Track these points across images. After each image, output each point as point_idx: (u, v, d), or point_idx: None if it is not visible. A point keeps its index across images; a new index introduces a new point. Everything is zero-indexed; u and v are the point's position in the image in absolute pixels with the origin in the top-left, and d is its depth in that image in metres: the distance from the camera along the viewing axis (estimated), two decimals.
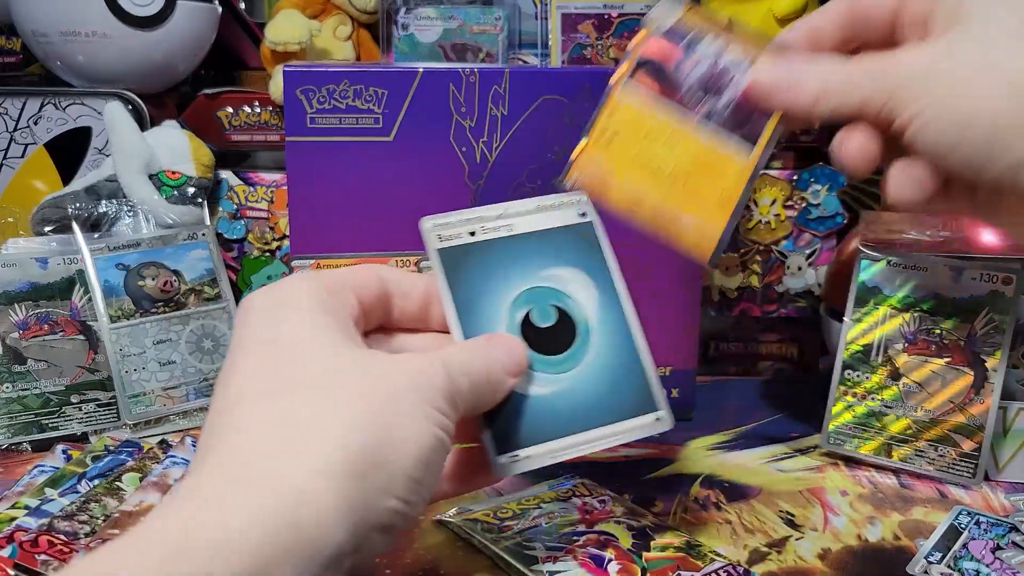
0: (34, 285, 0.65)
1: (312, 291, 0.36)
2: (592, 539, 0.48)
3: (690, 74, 0.49)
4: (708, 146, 0.48)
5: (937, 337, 0.57)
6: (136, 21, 0.75)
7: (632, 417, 0.43)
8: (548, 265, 0.44)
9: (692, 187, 0.48)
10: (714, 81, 0.48)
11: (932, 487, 0.57)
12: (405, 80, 0.60)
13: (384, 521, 0.32)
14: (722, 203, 0.48)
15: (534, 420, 0.41)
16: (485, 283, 0.42)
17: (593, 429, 0.42)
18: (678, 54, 0.49)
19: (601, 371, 0.43)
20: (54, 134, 0.80)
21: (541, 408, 0.41)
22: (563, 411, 0.42)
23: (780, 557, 0.49)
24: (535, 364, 0.42)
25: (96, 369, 0.65)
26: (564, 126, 0.62)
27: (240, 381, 0.33)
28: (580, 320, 0.43)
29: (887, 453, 0.57)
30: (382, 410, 0.32)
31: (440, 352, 0.37)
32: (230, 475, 0.30)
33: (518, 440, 0.40)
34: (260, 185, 0.79)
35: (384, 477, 0.31)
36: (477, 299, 0.42)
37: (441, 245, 0.42)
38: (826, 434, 0.59)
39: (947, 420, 0.56)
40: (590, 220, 0.45)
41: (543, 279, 0.43)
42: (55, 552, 0.46)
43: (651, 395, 0.43)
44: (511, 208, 0.44)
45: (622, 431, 0.43)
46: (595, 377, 0.43)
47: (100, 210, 0.70)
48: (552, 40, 0.82)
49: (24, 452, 0.62)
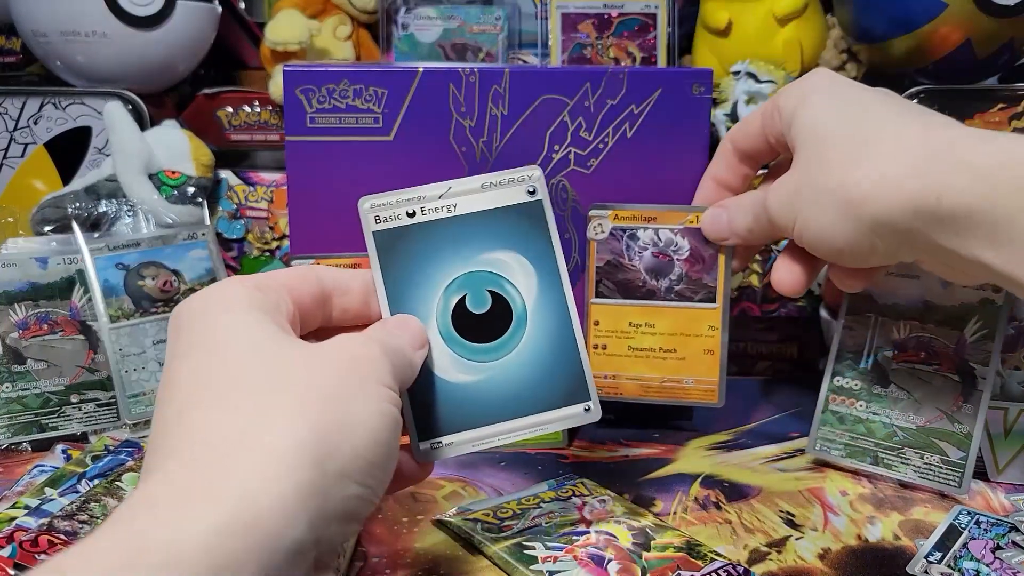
0: (34, 285, 0.65)
1: (243, 292, 0.35)
2: (592, 539, 0.48)
3: (641, 263, 0.59)
4: (678, 311, 0.59)
5: (927, 344, 0.57)
6: (136, 21, 0.75)
7: (561, 407, 0.43)
8: (489, 248, 0.43)
9: (681, 353, 0.59)
10: (661, 264, 0.58)
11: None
12: (405, 80, 0.60)
13: (345, 509, 0.31)
14: (709, 353, 0.60)
15: (458, 408, 0.41)
16: (421, 267, 0.42)
17: (520, 418, 0.42)
18: (623, 249, 0.59)
19: (534, 359, 0.42)
20: (54, 134, 0.80)
21: (466, 396, 0.41)
22: (490, 399, 0.42)
23: (780, 557, 0.49)
24: (464, 352, 0.41)
25: (96, 369, 0.65)
26: (564, 126, 0.62)
27: (182, 390, 0.32)
28: (517, 306, 0.43)
29: (873, 460, 0.57)
30: (329, 396, 0.32)
31: (369, 332, 0.38)
32: (182, 484, 0.29)
33: (441, 427, 0.40)
34: (260, 185, 0.79)
35: (340, 463, 0.31)
36: (410, 284, 0.41)
37: (377, 227, 0.42)
38: (813, 440, 0.59)
39: (935, 428, 0.56)
40: (539, 198, 0.44)
41: (482, 263, 0.43)
42: (55, 552, 0.46)
43: (584, 385, 0.43)
44: (456, 186, 0.43)
45: (549, 420, 0.42)
46: (527, 365, 0.42)
47: (100, 210, 0.70)
48: (552, 40, 0.82)
49: (24, 452, 0.62)
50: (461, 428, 0.41)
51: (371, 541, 0.50)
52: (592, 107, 0.62)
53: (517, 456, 0.61)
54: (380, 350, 0.36)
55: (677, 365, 0.60)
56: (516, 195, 0.44)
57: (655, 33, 0.82)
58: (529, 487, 0.56)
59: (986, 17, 0.69)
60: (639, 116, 0.62)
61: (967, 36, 0.70)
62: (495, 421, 0.42)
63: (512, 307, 0.43)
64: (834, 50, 0.82)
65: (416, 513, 0.53)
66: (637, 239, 0.59)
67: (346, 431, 0.32)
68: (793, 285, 0.54)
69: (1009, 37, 0.71)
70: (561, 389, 0.43)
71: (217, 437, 0.30)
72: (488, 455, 0.61)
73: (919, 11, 0.71)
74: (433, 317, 0.42)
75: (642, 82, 0.61)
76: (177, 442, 0.31)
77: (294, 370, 0.33)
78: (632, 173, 0.63)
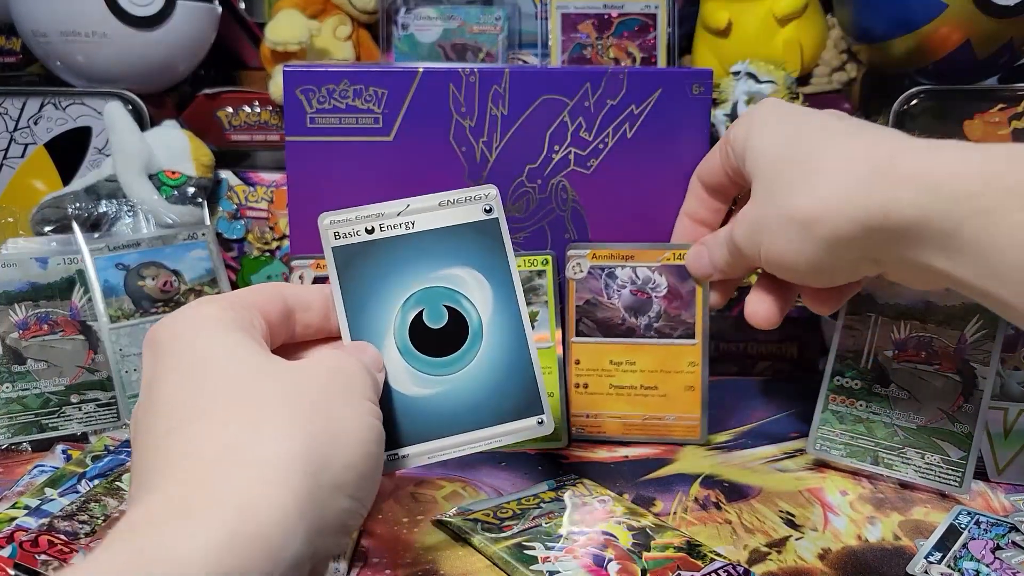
0: (34, 285, 0.65)
1: (218, 311, 0.35)
2: (592, 539, 0.48)
3: (620, 301, 0.60)
4: (658, 348, 0.60)
5: (927, 344, 0.57)
6: (136, 21, 0.75)
7: (515, 419, 0.43)
8: (446, 264, 0.44)
9: (662, 390, 0.61)
10: (640, 301, 0.60)
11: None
12: (405, 80, 0.60)
13: (339, 521, 0.32)
14: (690, 389, 0.61)
15: (415, 421, 0.42)
16: (379, 283, 0.42)
17: (475, 431, 0.43)
18: (601, 288, 0.60)
19: (489, 373, 0.43)
20: (54, 134, 0.80)
21: (423, 409, 0.42)
22: (446, 412, 0.42)
23: (780, 557, 0.49)
24: (421, 366, 0.42)
25: (96, 369, 0.65)
26: (564, 126, 0.62)
27: (165, 412, 0.32)
28: (473, 321, 0.44)
29: (874, 460, 0.57)
30: (318, 409, 0.33)
31: (346, 349, 0.39)
32: (180, 501, 0.28)
33: (398, 439, 0.41)
34: (260, 185, 0.79)
35: (333, 474, 0.31)
36: (369, 299, 0.42)
37: (336, 243, 0.42)
38: (813, 440, 0.59)
39: (935, 428, 0.56)
40: (495, 216, 0.45)
41: (439, 279, 0.43)
42: (55, 552, 0.46)
43: (537, 398, 0.44)
44: (414, 204, 0.44)
45: (503, 433, 0.43)
46: (483, 378, 0.43)
47: (100, 210, 0.70)
48: (552, 40, 0.82)
49: (24, 452, 0.62)
50: (418, 440, 0.42)
51: (371, 541, 0.50)
52: (592, 107, 0.62)
53: (517, 456, 0.61)
54: (360, 364, 0.37)
55: (659, 402, 0.61)
56: (473, 213, 0.45)
57: (655, 33, 0.82)
58: (529, 487, 0.56)
59: (986, 17, 0.69)
60: (639, 116, 0.62)
61: (967, 36, 0.70)
62: (451, 433, 0.42)
63: (468, 322, 0.44)
64: (834, 50, 0.82)
65: (416, 513, 0.53)
66: (616, 277, 0.60)
67: (337, 443, 0.32)
68: (767, 316, 0.55)
69: (1009, 37, 0.71)
70: (515, 402, 0.44)
71: (210, 452, 0.30)
72: (488, 455, 0.61)
73: (919, 11, 0.71)
74: (391, 332, 0.42)
75: (642, 82, 0.61)
76: (169, 460, 0.30)
77: (280, 384, 0.33)
78: (632, 173, 0.63)
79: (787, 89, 0.74)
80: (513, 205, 0.63)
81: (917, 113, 0.75)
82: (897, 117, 0.75)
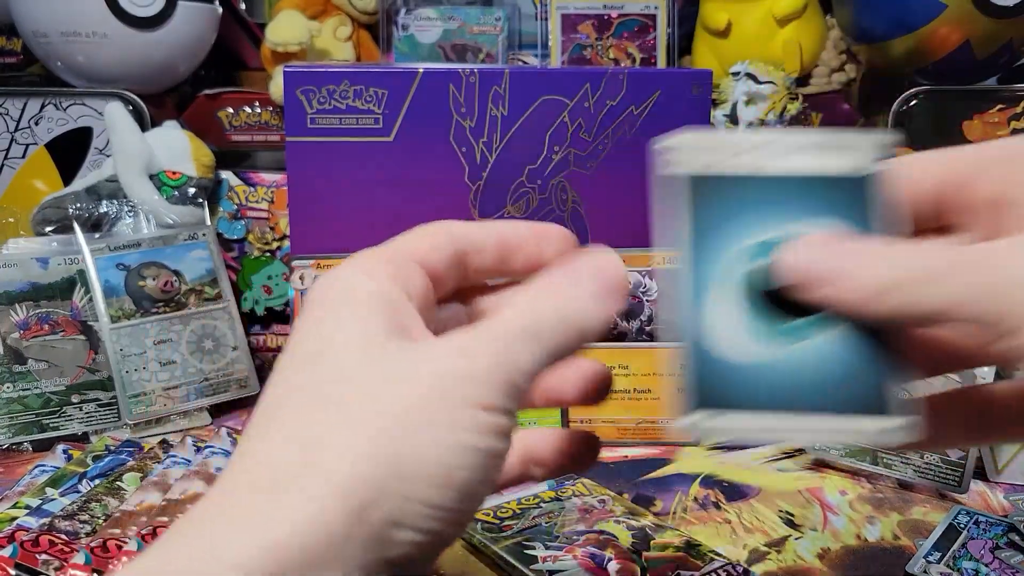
0: (35, 285, 0.65)
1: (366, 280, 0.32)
2: (592, 539, 0.48)
3: None
4: (651, 352, 0.60)
5: None
6: (136, 21, 0.75)
7: (875, 414, 0.33)
8: (810, 215, 0.35)
9: (655, 393, 0.61)
10: (631, 305, 0.60)
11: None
12: (405, 80, 0.60)
13: (395, 554, 0.28)
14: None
15: (746, 385, 0.34)
16: (732, 224, 0.36)
17: (817, 415, 0.34)
18: None
19: (844, 347, 0.34)
20: (55, 134, 0.80)
21: (758, 375, 0.34)
22: (786, 385, 0.34)
23: (780, 557, 0.49)
24: (762, 326, 0.34)
25: (96, 369, 0.65)
26: (564, 127, 0.62)
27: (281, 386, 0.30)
28: None
29: (873, 460, 0.57)
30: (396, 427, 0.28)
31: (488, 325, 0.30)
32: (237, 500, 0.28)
33: (718, 401, 0.33)
34: (260, 185, 0.79)
35: (393, 505, 0.27)
36: (717, 241, 0.35)
37: (697, 172, 0.35)
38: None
39: None
40: (882, 171, 0.35)
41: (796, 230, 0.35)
42: (56, 552, 0.46)
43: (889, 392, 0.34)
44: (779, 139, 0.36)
45: (848, 429, 0.34)
46: (831, 356, 0.35)
47: (101, 210, 0.70)
48: (552, 40, 0.82)
49: (25, 452, 0.62)
50: (742, 408, 0.34)
51: None
52: (592, 108, 0.62)
53: None
54: (485, 355, 0.30)
55: (652, 406, 0.61)
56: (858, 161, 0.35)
57: (655, 34, 0.82)
58: (529, 487, 0.56)
59: (985, 18, 0.69)
60: (639, 117, 0.62)
61: (966, 37, 0.71)
62: (787, 411, 0.34)
63: None
64: (833, 51, 0.82)
65: None
66: None
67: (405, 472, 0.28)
68: None
69: (1008, 38, 0.71)
70: (872, 393, 0.34)
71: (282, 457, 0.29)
72: None
73: (919, 12, 0.71)
74: (734, 281, 0.35)
75: (642, 83, 0.62)
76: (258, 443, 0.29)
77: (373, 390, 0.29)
78: (632, 174, 0.63)
79: (786, 90, 0.74)
80: (513, 205, 0.63)
81: (916, 113, 0.75)
82: (896, 117, 0.75)
